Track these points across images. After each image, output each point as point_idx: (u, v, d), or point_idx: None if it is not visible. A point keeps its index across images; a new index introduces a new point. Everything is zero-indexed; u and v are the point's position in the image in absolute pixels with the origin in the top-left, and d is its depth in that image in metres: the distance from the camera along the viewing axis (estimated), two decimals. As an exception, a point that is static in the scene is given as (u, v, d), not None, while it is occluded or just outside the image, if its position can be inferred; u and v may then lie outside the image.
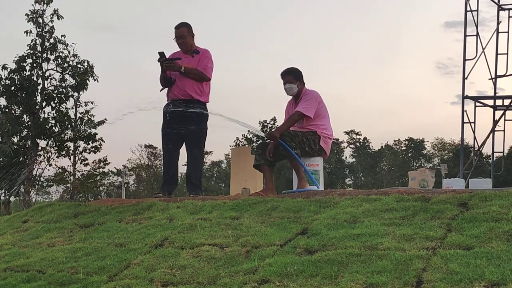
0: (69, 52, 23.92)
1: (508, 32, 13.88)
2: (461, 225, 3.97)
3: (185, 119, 6.57)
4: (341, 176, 70.47)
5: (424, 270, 3.38)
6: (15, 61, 23.24)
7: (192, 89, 6.64)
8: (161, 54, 6.61)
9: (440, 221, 4.11)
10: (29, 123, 23.48)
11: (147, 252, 4.48)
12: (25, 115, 23.56)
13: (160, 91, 6.77)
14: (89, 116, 24.98)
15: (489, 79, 13.94)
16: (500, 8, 14.11)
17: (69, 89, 23.90)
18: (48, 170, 26.22)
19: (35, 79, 23.53)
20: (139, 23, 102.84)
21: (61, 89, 23.82)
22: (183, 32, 6.72)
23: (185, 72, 6.58)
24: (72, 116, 24.62)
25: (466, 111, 13.46)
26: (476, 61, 13.40)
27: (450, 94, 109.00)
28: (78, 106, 25.00)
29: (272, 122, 56.78)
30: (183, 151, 6.85)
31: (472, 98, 13.64)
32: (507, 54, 13.83)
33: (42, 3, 23.36)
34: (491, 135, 13.95)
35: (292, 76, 6.47)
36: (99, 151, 26.34)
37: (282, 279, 3.58)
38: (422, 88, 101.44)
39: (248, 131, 60.18)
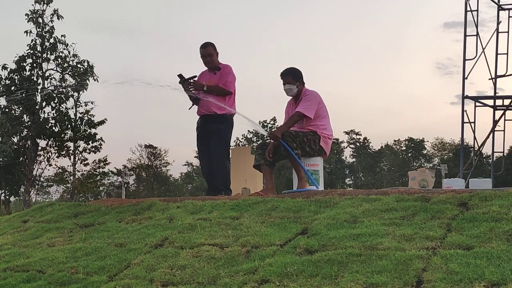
0: (69, 52, 23.97)
1: (508, 32, 13.84)
2: (461, 225, 3.97)
3: (209, 130, 6.94)
4: (341, 176, 70.46)
5: (424, 270, 3.38)
6: (15, 61, 23.26)
7: (215, 105, 6.81)
8: (180, 76, 6.86)
9: (440, 221, 4.11)
10: (29, 123, 23.48)
11: (147, 252, 4.48)
12: (25, 115, 23.56)
13: (189, 109, 7.05)
14: (89, 116, 24.99)
15: (489, 79, 13.91)
16: (500, 8, 14.08)
17: (69, 89, 23.90)
18: (48, 170, 26.23)
19: (35, 79, 23.53)
20: (139, 23, 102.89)
21: (61, 89, 23.82)
22: (210, 51, 6.96)
23: (208, 90, 6.81)
24: (72, 116, 24.62)
25: (466, 111, 13.42)
26: (476, 61, 13.37)
27: (450, 94, 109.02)
28: (78, 106, 25.00)
29: (272, 122, 56.81)
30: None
31: (472, 98, 13.61)
32: (507, 54, 13.79)
33: (42, 3, 23.38)
34: (491, 135, 13.92)
35: (291, 77, 6.47)
36: (99, 151, 26.38)
37: (282, 279, 3.58)
38: (422, 88, 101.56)
39: (248, 130, 60.31)
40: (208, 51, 6.96)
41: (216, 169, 6.91)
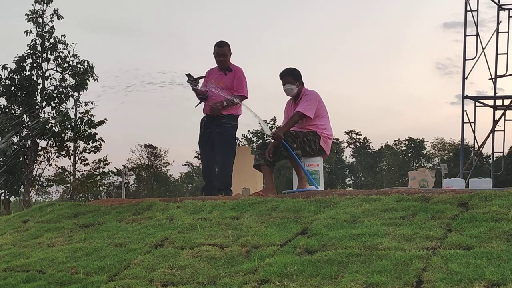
0: (69, 52, 23.91)
1: (508, 32, 13.84)
2: (461, 225, 3.97)
3: (214, 130, 6.89)
4: (341, 176, 70.46)
5: (424, 270, 3.38)
6: (15, 61, 23.21)
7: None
8: (189, 75, 6.86)
9: (440, 221, 4.11)
10: (29, 123, 23.45)
11: (147, 252, 4.48)
12: (25, 115, 23.53)
13: (196, 106, 7.04)
14: (89, 116, 24.95)
15: (489, 79, 13.92)
16: (500, 8, 14.08)
17: (69, 89, 23.88)
18: (48, 170, 26.20)
19: (35, 79, 23.51)
20: (139, 23, 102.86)
21: (61, 89, 23.80)
22: (226, 51, 6.94)
23: (227, 103, 6.73)
24: (72, 116, 24.58)
25: (466, 111, 13.43)
26: (476, 61, 13.37)
27: (450, 94, 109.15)
28: (78, 106, 24.96)
29: (272, 122, 56.76)
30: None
31: (472, 98, 13.61)
32: (507, 54, 13.79)
33: (42, 3, 23.35)
34: (491, 135, 13.92)
35: (291, 77, 6.47)
36: (99, 151, 26.32)
37: (282, 279, 3.58)
38: (422, 88, 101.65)
39: (248, 130, 60.24)
40: (223, 51, 6.92)
41: (221, 170, 6.88)
